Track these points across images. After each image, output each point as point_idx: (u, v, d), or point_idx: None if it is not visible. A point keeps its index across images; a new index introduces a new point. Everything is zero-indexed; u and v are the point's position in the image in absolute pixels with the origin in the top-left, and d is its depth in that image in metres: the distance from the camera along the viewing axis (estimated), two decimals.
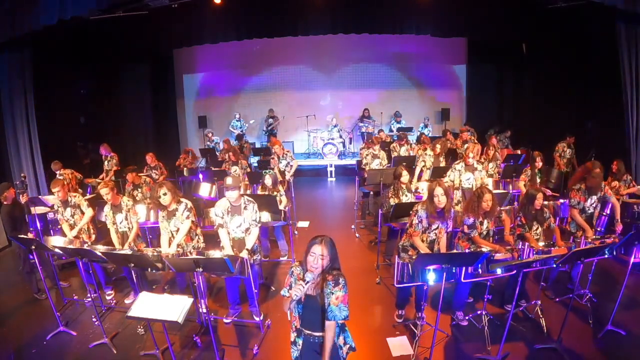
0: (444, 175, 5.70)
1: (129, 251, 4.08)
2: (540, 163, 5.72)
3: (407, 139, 8.27)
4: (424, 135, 8.92)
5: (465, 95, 12.24)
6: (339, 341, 2.30)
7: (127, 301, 4.55)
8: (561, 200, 5.23)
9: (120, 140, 10.35)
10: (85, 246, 4.26)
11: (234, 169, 7.02)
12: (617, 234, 4.10)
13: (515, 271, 3.45)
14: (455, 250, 4.02)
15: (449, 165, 6.45)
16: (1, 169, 7.23)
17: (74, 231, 4.59)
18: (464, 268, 3.35)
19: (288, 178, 6.91)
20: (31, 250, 4.02)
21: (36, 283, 4.79)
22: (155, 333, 3.57)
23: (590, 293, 4.19)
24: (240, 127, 11.53)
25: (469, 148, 5.49)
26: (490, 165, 6.77)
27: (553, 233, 4.11)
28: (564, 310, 3.62)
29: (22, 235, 4.26)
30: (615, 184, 5.42)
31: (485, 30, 9.43)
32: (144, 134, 11.35)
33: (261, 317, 4.08)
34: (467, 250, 3.84)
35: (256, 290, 4.06)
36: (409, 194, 4.91)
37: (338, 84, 12.24)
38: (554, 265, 3.51)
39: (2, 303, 4.80)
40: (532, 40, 10.17)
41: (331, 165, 10.78)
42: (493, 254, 3.50)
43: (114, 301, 4.67)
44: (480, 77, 11.73)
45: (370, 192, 6.79)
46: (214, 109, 12.58)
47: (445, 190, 3.61)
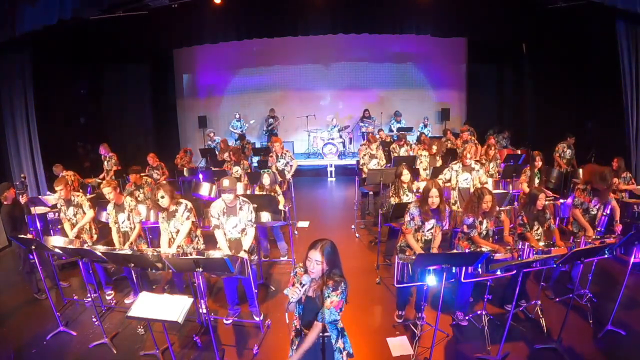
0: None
1: (129, 251, 4.07)
2: (539, 163, 5.71)
3: (406, 140, 8.26)
4: (424, 135, 8.91)
5: (465, 95, 12.24)
6: (338, 345, 2.30)
7: (127, 301, 4.55)
8: (561, 201, 5.23)
9: (120, 140, 10.38)
10: (86, 246, 4.26)
11: (236, 169, 7.01)
12: (617, 234, 4.10)
13: (515, 271, 3.46)
14: (455, 250, 4.02)
15: (448, 165, 6.44)
16: (1, 169, 7.23)
17: (74, 230, 4.59)
18: (464, 268, 3.36)
19: (288, 178, 6.91)
20: (31, 250, 4.02)
21: (36, 283, 4.79)
22: (155, 333, 3.57)
23: (590, 293, 4.19)
24: (241, 127, 11.52)
25: (466, 149, 5.49)
26: (491, 165, 6.77)
27: (553, 234, 4.10)
28: (564, 310, 3.62)
29: (22, 235, 4.26)
30: (615, 180, 5.41)
31: (485, 30, 9.44)
32: (144, 134, 11.35)
33: (261, 317, 4.08)
34: (467, 250, 3.84)
35: (256, 291, 4.06)
36: (410, 194, 4.90)
37: (338, 84, 12.23)
38: (554, 265, 3.51)
39: (2, 303, 4.80)
40: (532, 40, 10.18)
41: (331, 165, 10.78)
42: (493, 254, 3.50)
43: (114, 301, 4.67)
44: (480, 77, 11.72)
45: (370, 192, 6.78)
46: (214, 109, 12.58)
47: (440, 191, 3.63)
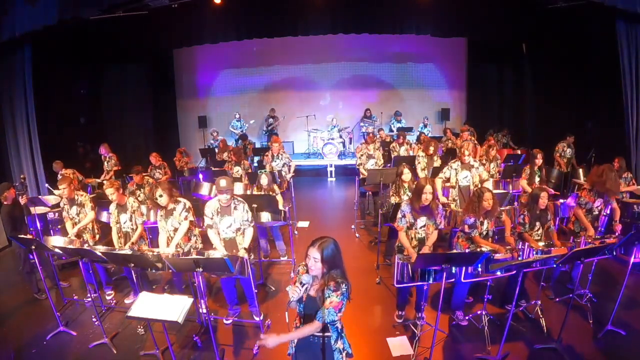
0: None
1: (129, 251, 4.07)
2: (540, 161, 5.69)
3: (406, 138, 8.25)
4: (424, 135, 8.91)
5: (465, 95, 12.23)
6: (337, 346, 2.30)
7: (127, 301, 4.55)
8: (561, 200, 5.22)
9: (120, 140, 10.38)
10: (86, 246, 4.27)
11: (237, 169, 7.01)
12: (617, 235, 4.10)
13: (515, 271, 3.46)
14: (455, 250, 4.02)
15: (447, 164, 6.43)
16: (1, 169, 7.23)
17: (74, 230, 4.58)
18: (464, 268, 3.36)
19: (288, 178, 6.91)
20: (31, 250, 4.02)
21: (36, 283, 4.79)
22: (155, 333, 3.56)
23: (590, 293, 4.18)
24: (241, 127, 11.52)
25: (463, 146, 5.46)
26: (491, 165, 6.76)
27: (552, 235, 4.10)
28: (564, 310, 3.62)
29: (22, 235, 4.26)
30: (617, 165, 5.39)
31: (485, 30, 9.44)
32: (144, 134, 11.34)
33: (261, 317, 4.08)
34: (467, 250, 3.84)
35: (255, 291, 4.06)
36: (410, 194, 4.89)
37: (338, 84, 12.23)
38: (554, 265, 3.51)
39: (2, 303, 4.80)
40: (532, 40, 10.18)
41: (331, 165, 10.78)
42: (493, 254, 3.50)
43: (114, 301, 4.67)
44: (480, 77, 11.72)
45: (368, 192, 6.78)
46: (214, 109, 12.58)
47: (433, 189, 3.66)
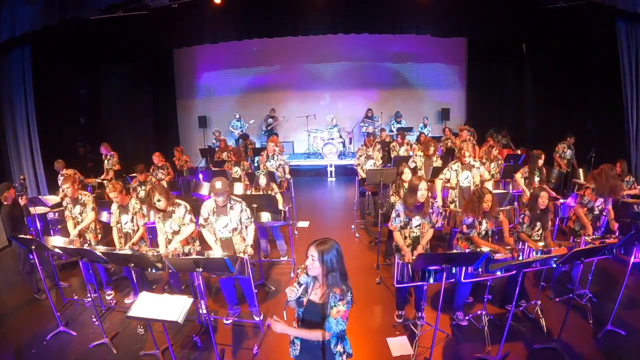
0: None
1: (129, 251, 4.07)
2: (541, 162, 5.67)
3: (406, 139, 8.24)
4: (424, 135, 8.91)
5: (465, 95, 12.24)
6: (338, 349, 2.28)
7: (127, 301, 4.55)
8: (561, 200, 5.23)
9: (120, 140, 10.38)
10: (86, 246, 4.27)
11: (235, 169, 7.01)
12: (617, 235, 4.10)
13: (515, 271, 3.46)
14: (454, 251, 4.02)
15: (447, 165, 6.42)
16: (1, 169, 7.23)
17: (75, 230, 4.58)
18: (464, 268, 3.36)
19: (288, 178, 6.91)
20: (31, 250, 4.01)
21: (36, 283, 4.79)
22: (155, 333, 3.56)
23: (590, 293, 4.19)
24: (241, 127, 11.52)
25: (463, 147, 5.45)
26: (492, 165, 6.76)
27: (545, 235, 4.10)
28: (564, 310, 3.62)
29: (22, 235, 4.26)
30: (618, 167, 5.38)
31: (485, 30, 9.44)
32: (144, 134, 11.35)
33: (261, 317, 4.08)
34: (467, 251, 3.84)
35: (255, 291, 4.06)
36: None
37: (338, 84, 12.22)
38: (554, 265, 3.51)
39: (2, 303, 4.80)
40: (532, 40, 10.19)
41: (331, 165, 10.78)
42: (493, 254, 3.50)
43: (114, 301, 4.67)
44: (480, 77, 11.72)
45: (368, 192, 6.78)
46: (214, 109, 12.58)
47: (432, 190, 3.63)
